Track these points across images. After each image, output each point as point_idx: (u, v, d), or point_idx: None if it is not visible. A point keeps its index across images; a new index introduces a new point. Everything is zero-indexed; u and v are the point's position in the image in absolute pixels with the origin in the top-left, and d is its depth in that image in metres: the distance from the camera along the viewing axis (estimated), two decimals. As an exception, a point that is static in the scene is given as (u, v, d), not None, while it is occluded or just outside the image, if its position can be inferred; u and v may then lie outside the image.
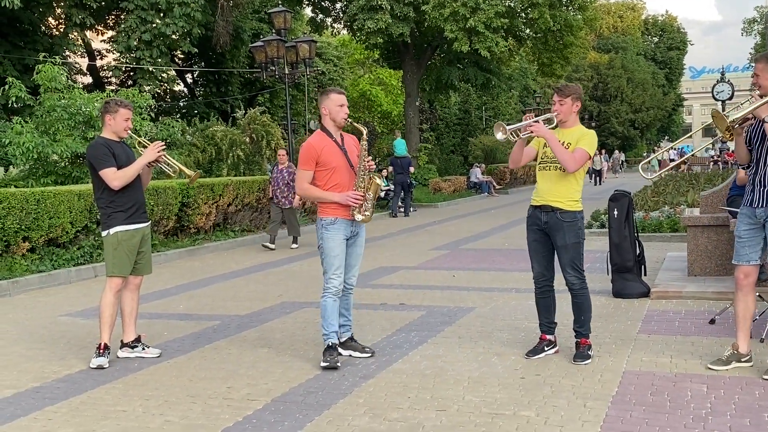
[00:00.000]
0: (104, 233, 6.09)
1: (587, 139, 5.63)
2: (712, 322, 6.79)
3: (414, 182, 24.25)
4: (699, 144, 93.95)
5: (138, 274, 6.27)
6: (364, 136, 5.74)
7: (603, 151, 49.31)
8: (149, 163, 6.14)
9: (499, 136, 5.52)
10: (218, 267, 11.70)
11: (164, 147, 6.20)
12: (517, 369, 5.58)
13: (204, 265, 11.92)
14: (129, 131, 6.16)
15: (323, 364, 5.70)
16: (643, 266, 8.48)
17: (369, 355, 5.97)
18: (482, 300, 8.36)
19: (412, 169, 23.11)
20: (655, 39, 79.08)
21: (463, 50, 27.37)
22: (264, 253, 13.43)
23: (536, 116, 5.69)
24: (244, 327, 7.32)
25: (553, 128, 5.71)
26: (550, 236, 5.74)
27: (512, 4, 28.79)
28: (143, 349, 6.25)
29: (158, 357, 6.20)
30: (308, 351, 6.31)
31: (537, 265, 5.89)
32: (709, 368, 5.41)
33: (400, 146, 22.99)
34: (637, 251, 8.43)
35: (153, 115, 16.59)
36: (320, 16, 32.95)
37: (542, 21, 28.17)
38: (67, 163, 14.35)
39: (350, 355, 5.96)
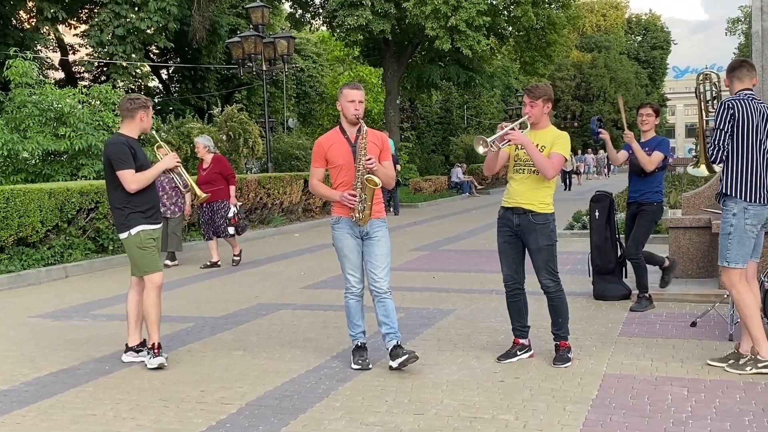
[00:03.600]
0: (124, 234, 6.00)
1: (561, 143, 5.68)
2: (694, 324, 6.84)
3: (401, 180, 24.32)
4: (682, 144, 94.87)
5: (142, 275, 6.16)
6: (363, 133, 5.64)
7: (579, 152, 49.54)
8: (169, 173, 6.35)
9: (481, 150, 5.54)
10: (193, 267, 11.65)
11: (179, 160, 6.41)
12: (497, 372, 5.60)
13: (179, 266, 11.86)
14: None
15: (354, 366, 5.74)
16: (624, 268, 8.53)
17: (415, 359, 5.63)
18: (462, 302, 8.38)
19: (398, 167, 23.17)
20: (639, 38, 79.67)
21: (444, 49, 27.44)
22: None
23: (510, 123, 5.68)
24: (218, 329, 7.29)
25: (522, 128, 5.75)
26: (522, 239, 5.76)
27: (494, 2, 28.91)
28: (147, 354, 6.05)
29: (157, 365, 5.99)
30: (284, 354, 6.30)
31: (506, 268, 5.91)
32: (728, 371, 5.45)
33: (389, 145, 23.02)
34: (619, 253, 8.48)
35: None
36: (299, 11, 32.90)
37: (525, 19, 28.30)
38: (37, 161, 14.22)
39: (399, 367, 5.59)
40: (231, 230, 11.43)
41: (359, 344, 5.86)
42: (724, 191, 5.51)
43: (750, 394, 4.95)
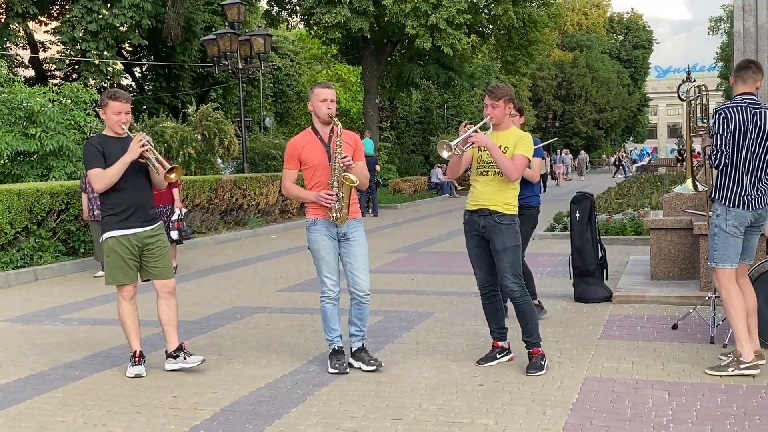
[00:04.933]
0: (102, 238, 5.89)
1: (525, 144, 5.70)
2: (675, 327, 6.90)
3: (380, 181, 24.33)
4: (664, 145, 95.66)
5: (160, 279, 5.95)
6: (338, 131, 5.65)
7: (560, 152, 49.74)
8: (143, 161, 5.77)
9: (445, 154, 5.57)
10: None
11: (147, 142, 5.73)
12: (476, 376, 5.61)
13: None
14: (124, 125, 5.80)
15: (331, 370, 5.73)
16: (605, 270, 8.58)
17: (374, 368, 5.74)
18: (441, 304, 8.39)
19: (378, 168, 23.21)
20: (621, 37, 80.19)
21: (425, 47, 27.48)
22: (215, 256, 13.33)
23: (472, 125, 5.68)
24: (192, 333, 7.25)
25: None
26: (488, 241, 5.76)
27: (475, 0, 28.98)
28: (185, 358, 5.90)
29: (199, 364, 5.88)
30: (260, 358, 6.28)
31: (480, 271, 5.93)
32: (706, 373, 5.54)
33: (368, 145, 23.05)
34: (599, 255, 8.53)
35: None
36: (276, 9, 32.82)
37: (506, 17, 28.40)
38: (6, 161, 14.07)
39: (359, 368, 5.76)
40: (174, 234, 10.91)
41: (336, 348, 5.85)
42: (710, 195, 5.65)
43: (731, 398, 5.00)
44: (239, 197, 17.04)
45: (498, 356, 5.92)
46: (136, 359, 5.87)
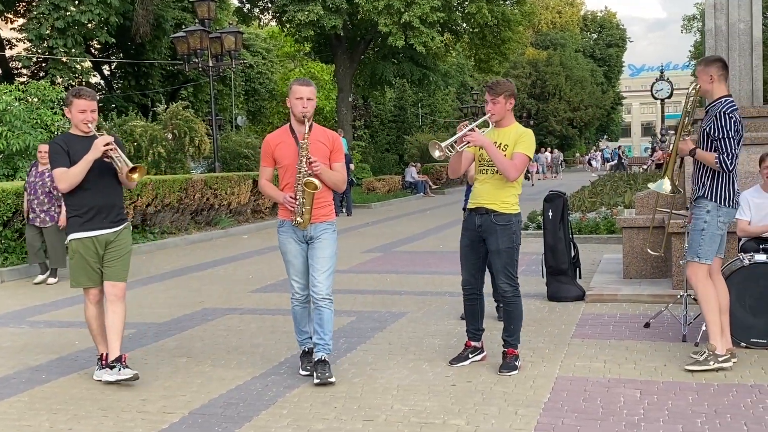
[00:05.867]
0: (66, 240, 5.80)
1: (525, 141, 5.61)
2: (647, 325, 6.96)
3: (354, 180, 24.31)
4: (638, 143, 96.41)
5: (110, 279, 5.74)
6: (305, 132, 5.45)
7: (543, 149, 50.06)
8: (108, 160, 5.61)
9: (437, 154, 5.46)
10: (135, 271, 11.44)
11: (110, 141, 5.58)
12: (448, 376, 5.63)
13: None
14: (90, 124, 5.64)
15: (302, 372, 5.71)
16: (578, 269, 8.64)
17: (319, 381, 5.42)
18: (415, 304, 8.41)
19: (352, 167, 23.18)
20: (594, 35, 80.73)
21: (398, 45, 27.50)
22: (186, 257, 13.25)
23: (470, 123, 5.62)
24: (161, 335, 7.21)
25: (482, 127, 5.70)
26: (485, 240, 5.72)
27: (449, -3, 29.04)
28: (120, 370, 5.61)
29: (131, 377, 5.57)
30: (230, 360, 6.25)
31: (466, 272, 5.90)
32: (687, 370, 5.59)
33: (342, 144, 23.07)
34: (572, 253, 8.58)
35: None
36: (247, 6, 32.68)
37: (479, 15, 28.50)
38: (-29, 161, 13.93)
39: (318, 381, 5.45)
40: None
41: (306, 350, 5.82)
42: (700, 194, 5.67)
43: (702, 396, 5.05)
44: (210, 197, 16.94)
45: (471, 356, 5.93)
46: (102, 362, 5.81)
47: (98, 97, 6.25)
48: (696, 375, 5.48)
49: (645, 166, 39.74)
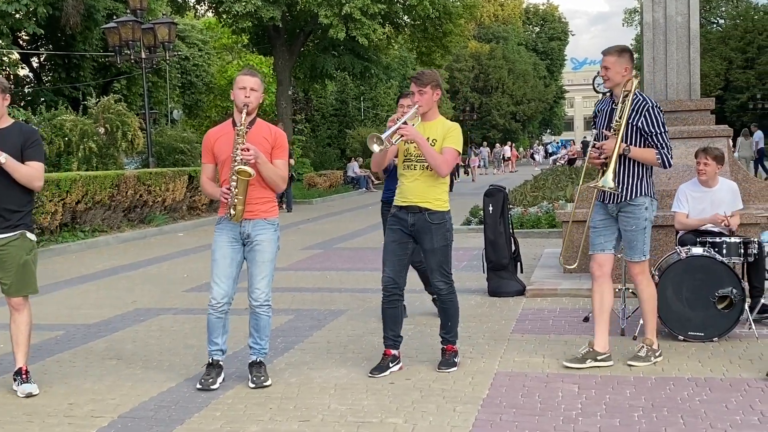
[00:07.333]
0: None
1: (454, 135, 5.57)
2: (586, 320, 7.05)
3: (294, 175, 24.17)
4: (580, 137, 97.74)
5: (8, 295, 5.44)
6: (242, 119, 5.30)
7: (474, 145, 50.41)
8: None
9: (376, 148, 5.37)
10: (65, 271, 11.26)
11: None
12: (387, 374, 5.63)
13: (48, 270, 11.38)
14: None
15: (197, 385, 5.41)
16: (519, 263, 8.74)
17: (254, 386, 5.37)
18: (355, 302, 8.40)
19: (292, 162, 23.00)
20: (537, 29, 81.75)
21: (339, 37, 27.42)
22: (118, 255, 13.03)
23: (402, 117, 5.55)
24: (91, 337, 7.08)
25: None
26: (416, 239, 5.66)
27: (390, -11, 29.06)
28: (19, 384, 5.40)
29: (24, 396, 5.34)
30: (163, 362, 6.17)
31: (389, 270, 5.65)
32: (566, 366, 5.65)
33: (282, 138, 22.88)
34: (513, 248, 8.67)
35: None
36: (182, -4, 32.25)
37: (421, 7, 28.56)
38: None
39: (253, 385, 5.39)
40: None
41: (211, 361, 5.50)
42: (638, 193, 5.70)
43: (640, 390, 5.15)
44: (144, 193, 16.68)
45: (390, 365, 5.67)
46: (24, 376, 5.59)
47: (26, 90, 5.98)
48: (633, 369, 5.58)
49: (561, 162, 39.90)
